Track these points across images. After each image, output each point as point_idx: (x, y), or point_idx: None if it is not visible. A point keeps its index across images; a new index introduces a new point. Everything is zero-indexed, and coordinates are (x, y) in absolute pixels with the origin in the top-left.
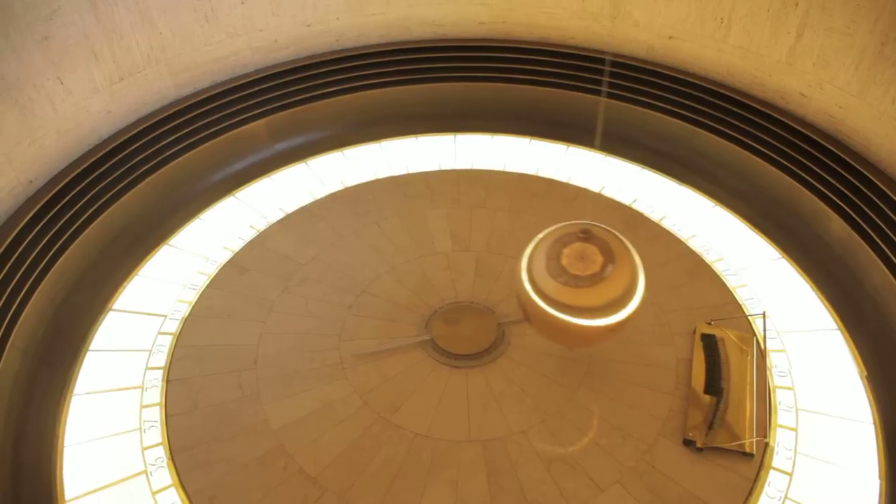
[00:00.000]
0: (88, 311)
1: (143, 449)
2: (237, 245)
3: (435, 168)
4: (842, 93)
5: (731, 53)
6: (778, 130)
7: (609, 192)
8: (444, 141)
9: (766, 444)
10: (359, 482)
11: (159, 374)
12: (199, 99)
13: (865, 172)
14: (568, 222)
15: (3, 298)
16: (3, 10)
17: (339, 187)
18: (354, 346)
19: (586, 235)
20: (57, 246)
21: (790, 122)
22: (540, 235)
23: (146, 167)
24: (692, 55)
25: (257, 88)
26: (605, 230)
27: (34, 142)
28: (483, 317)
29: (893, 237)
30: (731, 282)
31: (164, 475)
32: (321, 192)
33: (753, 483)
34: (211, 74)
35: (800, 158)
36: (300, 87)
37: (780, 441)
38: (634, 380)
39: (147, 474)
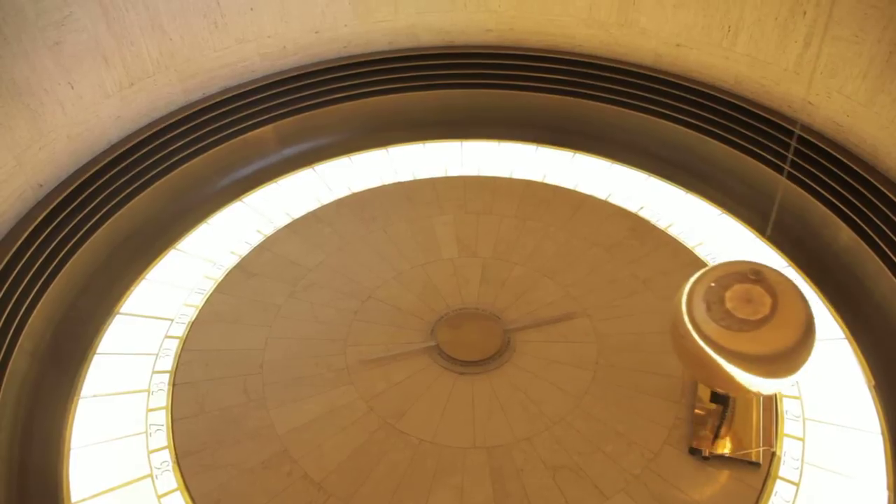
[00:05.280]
0: (96, 314)
1: (149, 452)
2: (244, 250)
3: (442, 174)
4: (849, 101)
5: (738, 62)
6: (785, 139)
7: (616, 200)
8: (451, 147)
9: (773, 454)
10: (363, 488)
11: (166, 377)
12: (207, 104)
13: (873, 181)
14: (732, 261)
15: (12, 302)
16: (16, 16)
17: (346, 193)
18: (360, 351)
19: (756, 277)
20: (65, 250)
21: (798, 131)
22: (698, 274)
23: (155, 172)
24: (699, 63)
25: (265, 94)
26: (775, 272)
27: (44, 146)
28: (489, 323)
29: None
30: None
31: (169, 479)
32: (328, 197)
33: (760, 493)
34: (220, 80)
35: (807, 167)
36: (308, 93)
37: (787, 450)
38: (640, 387)
39: (153, 478)
